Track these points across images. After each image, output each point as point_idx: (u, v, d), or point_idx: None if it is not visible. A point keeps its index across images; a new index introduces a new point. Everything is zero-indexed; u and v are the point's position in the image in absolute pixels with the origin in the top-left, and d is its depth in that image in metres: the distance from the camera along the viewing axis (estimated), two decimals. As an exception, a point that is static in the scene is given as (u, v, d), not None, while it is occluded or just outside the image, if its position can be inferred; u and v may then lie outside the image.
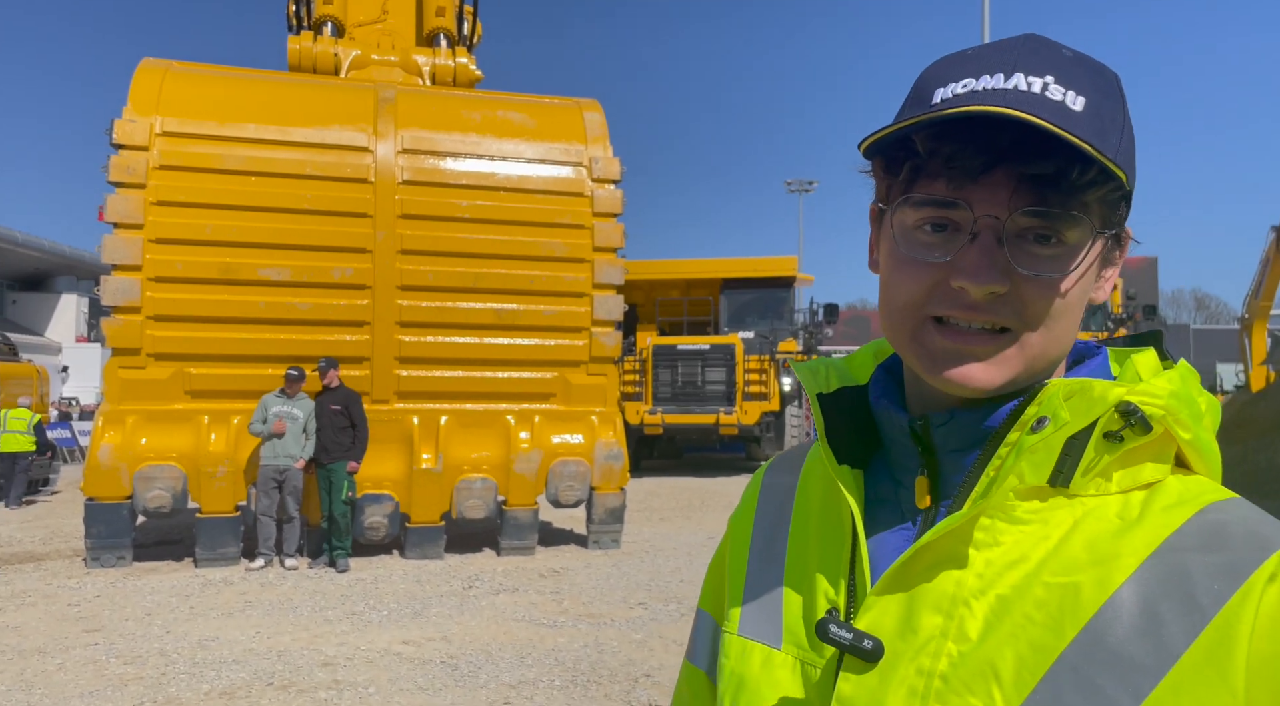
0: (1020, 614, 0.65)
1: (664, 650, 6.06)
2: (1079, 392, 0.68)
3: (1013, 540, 0.68)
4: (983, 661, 0.65)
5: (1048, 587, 0.65)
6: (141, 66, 9.01)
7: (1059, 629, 0.64)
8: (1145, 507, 0.67)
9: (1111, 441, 0.67)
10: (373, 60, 10.65)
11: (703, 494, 15.29)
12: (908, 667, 0.68)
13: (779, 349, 18.40)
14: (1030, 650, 0.64)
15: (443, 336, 9.24)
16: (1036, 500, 0.69)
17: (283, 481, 8.55)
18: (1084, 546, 0.66)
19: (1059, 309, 0.69)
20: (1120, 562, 0.65)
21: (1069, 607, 0.64)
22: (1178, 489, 0.68)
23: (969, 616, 0.67)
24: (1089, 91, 0.67)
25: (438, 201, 9.25)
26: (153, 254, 8.43)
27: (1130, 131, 0.70)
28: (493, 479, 9.18)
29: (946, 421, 0.73)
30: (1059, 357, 0.72)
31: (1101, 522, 0.67)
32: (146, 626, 6.56)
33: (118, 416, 8.43)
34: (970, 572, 0.68)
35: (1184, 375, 0.71)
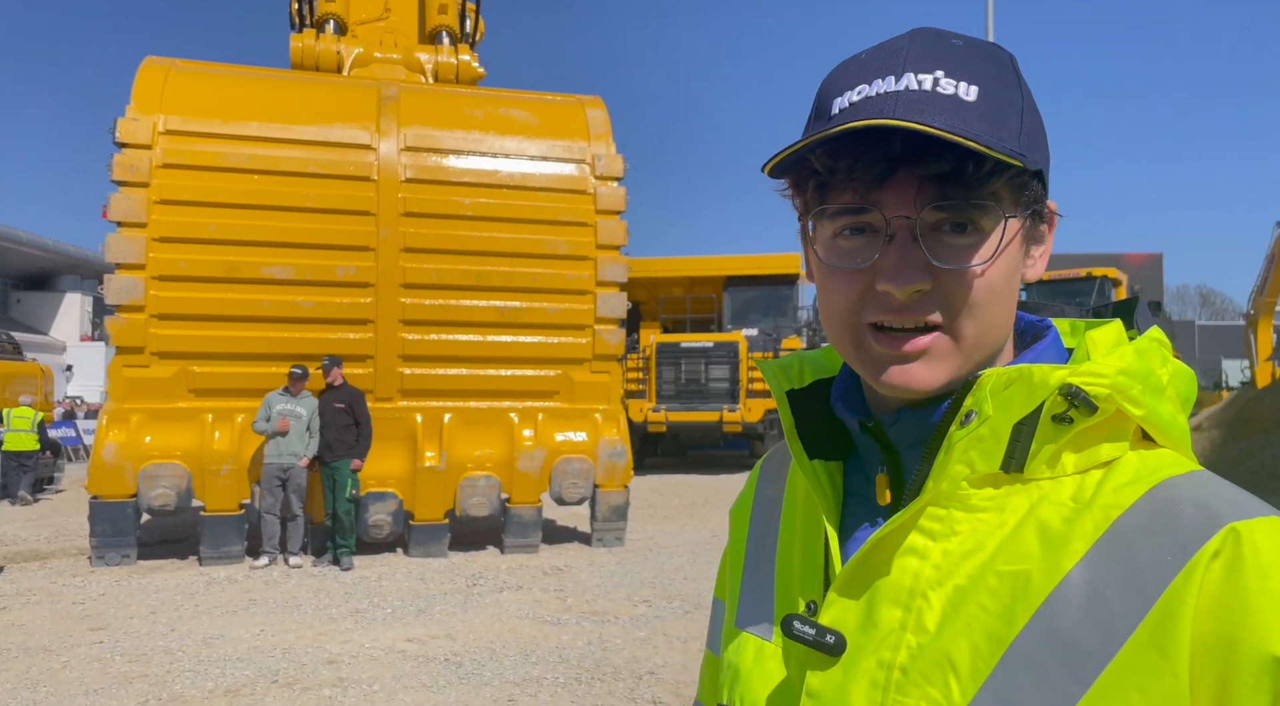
0: (974, 604, 0.66)
1: (668, 647, 6.06)
2: (1018, 380, 0.67)
3: (969, 529, 0.69)
4: (939, 653, 0.66)
5: (1000, 576, 0.66)
6: (144, 65, 9.01)
7: (1010, 617, 0.64)
8: (1099, 488, 0.67)
9: (1061, 424, 0.67)
10: (375, 58, 10.65)
11: (706, 491, 15.29)
12: (869, 660, 0.69)
13: (783, 346, 18.37)
14: (985, 640, 0.64)
15: (446, 334, 9.24)
16: (990, 487, 0.69)
17: (286, 479, 8.56)
18: (1036, 532, 0.66)
19: (984, 296, 0.69)
20: (1070, 547, 0.64)
21: (1020, 595, 0.64)
22: (1134, 466, 0.68)
23: (926, 608, 0.68)
24: (982, 78, 0.68)
25: (440, 199, 9.25)
26: (156, 252, 8.44)
27: (1032, 109, 0.71)
28: (496, 477, 9.18)
29: (895, 421, 0.75)
30: (998, 344, 0.72)
31: (1055, 507, 0.67)
32: (151, 624, 6.57)
33: (122, 415, 8.45)
34: (928, 564, 0.69)
35: (1142, 349, 0.70)
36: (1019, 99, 0.69)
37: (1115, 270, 19.17)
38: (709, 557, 9.14)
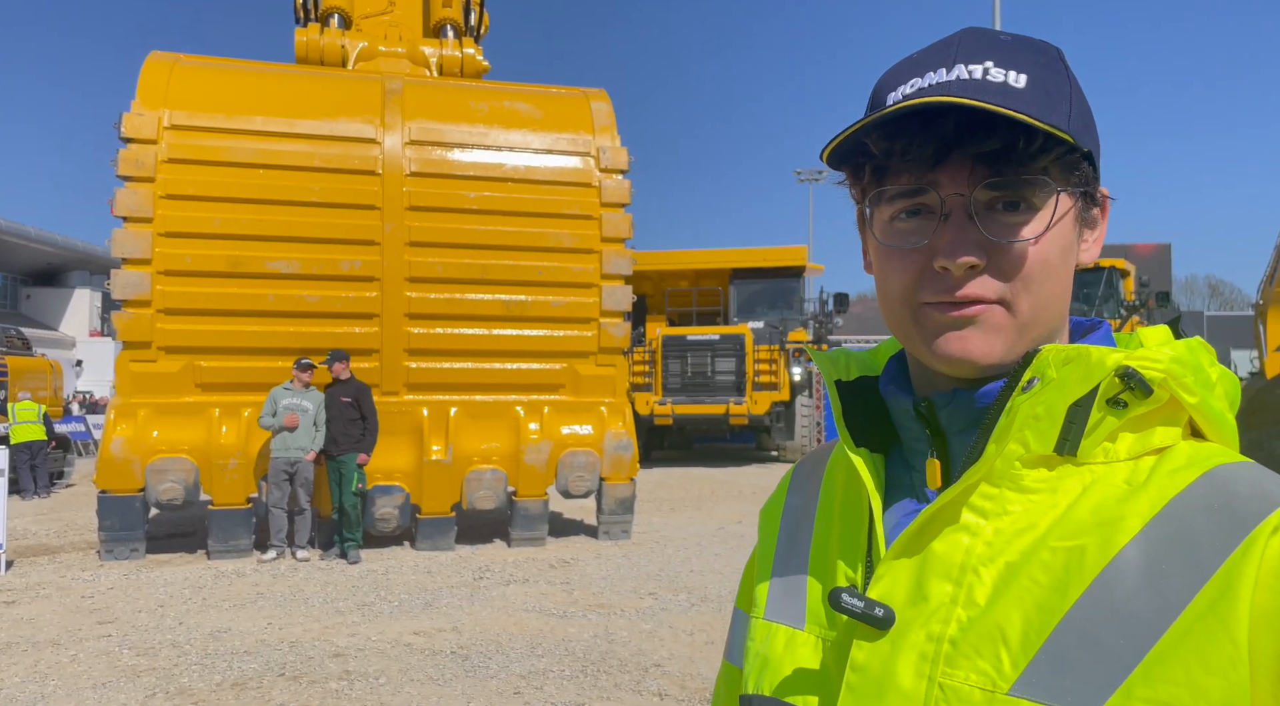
0: (1026, 578, 0.66)
1: (674, 640, 6.06)
2: (1076, 358, 0.68)
3: (1022, 509, 0.69)
4: (990, 625, 0.67)
5: (1053, 551, 0.66)
6: (149, 60, 9.01)
7: (1064, 590, 0.65)
8: (1153, 471, 0.68)
9: (1115, 408, 0.68)
10: (380, 52, 10.64)
11: (713, 484, 15.28)
12: (918, 633, 0.69)
13: (789, 339, 18.35)
14: (1036, 611, 0.65)
15: (451, 328, 9.24)
16: (1044, 469, 0.70)
17: (293, 473, 8.58)
18: (1090, 510, 0.67)
19: (1038, 270, 0.71)
20: (1125, 523, 0.65)
21: (1074, 569, 0.65)
22: (1188, 453, 0.69)
23: (978, 583, 0.68)
24: (1030, 68, 0.70)
25: (445, 193, 9.24)
26: (162, 247, 8.45)
27: (1081, 99, 0.73)
28: (503, 470, 9.19)
29: (950, 401, 0.75)
30: (1055, 323, 0.74)
31: (1109, 488, 0.68)
32: (159, 618, 6.60)
33: (129, 409, 8.47)
34: (979, 540, 0.70)
35: (1193, 346, 0.72)
36: (1067, 87, 0.72)
37: (1123, 261, 19.04)
38: (715, 550, 9.14)
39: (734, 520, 11.16)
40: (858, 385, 0.84)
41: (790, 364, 17.90)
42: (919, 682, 0.68)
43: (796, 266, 19.58)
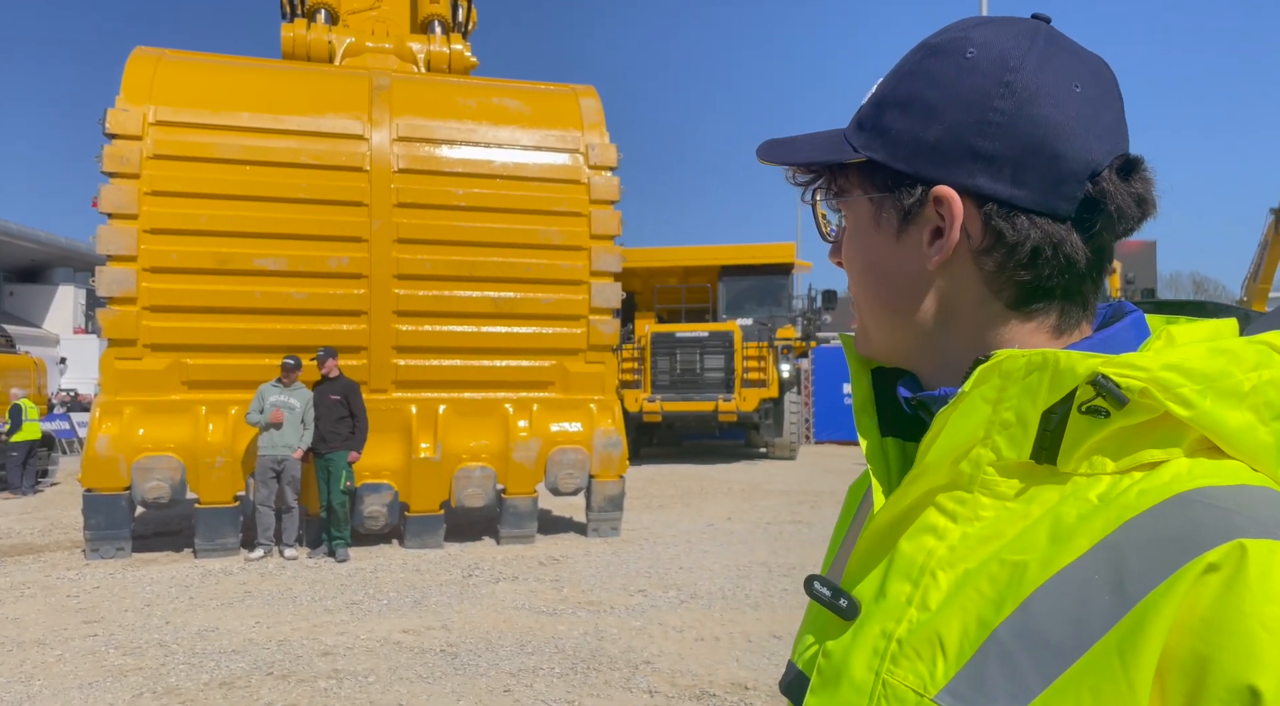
0: (973, 588, 0.66)
1: (664, 637, 6.06)
2: (1043, 366, 0.65)
3: (994, 515, 0.68)
4: (933, 631, 0.67)
5: (1002, 563, 0.65)
6: (134, 55, 8.94)
7: (999, 604, 0.64)
8: (1126, 489, 0.63)
9: (1096, 417, 0.63)
10: (367, 48, 10.58)
11: (702, 481, 15.30)
12: (874, 628, 0.71)
13: (777, 336, 18.37)
14: (974, 624, 0.65)
15: (440, 325, 9.21)
16: (1021, 477, 0.67)
17: (280, 471, 8.54)
18: (1048, 525, 0.65)
19: (853, 273, 0.79)
20: (1073, 543, 0.62)
21: (1014, 584, 0.64)
22: (1177, 471, 0.62)
23: (933, 586, 0.68)
24: (891, 80, 0.75)
25: (434, 189, 9.20)
26: (147, 244, 8.39)
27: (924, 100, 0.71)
28: (492, 467, 9.17)
29: (937, 397, 0.74)
30: (897, 320, 0.76)
31: (1076, 503, 0.64)
32: (146, 617, 6.56)
33: (115, 407, 8.41)
34: (943, 544, 0.69)
35: (1226, 348, 0.64)
36: (910, 88, 0.73)
37: (1109, 258, 19.15)
38: (704, 547, 9.15)
39: (723, 517, 11.17)
40: (897, 372, 0.81)
41: (779, 361, 17.93)
42: (868, 676, 0.69)
43: (785, 263, 19.60)
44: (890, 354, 0.78)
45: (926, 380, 0.77)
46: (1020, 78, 0.68)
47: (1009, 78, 0.68)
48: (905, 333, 0.76)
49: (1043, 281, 0.70)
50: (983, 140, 0.69)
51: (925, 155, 0.71)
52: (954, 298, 0.73)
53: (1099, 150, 0.69)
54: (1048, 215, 0.69)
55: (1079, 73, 0.70)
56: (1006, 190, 0.69)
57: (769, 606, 6.81)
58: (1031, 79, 0.68)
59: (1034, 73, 0.68)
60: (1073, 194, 0.69)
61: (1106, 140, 0.69)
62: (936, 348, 0.75)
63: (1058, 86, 0.68)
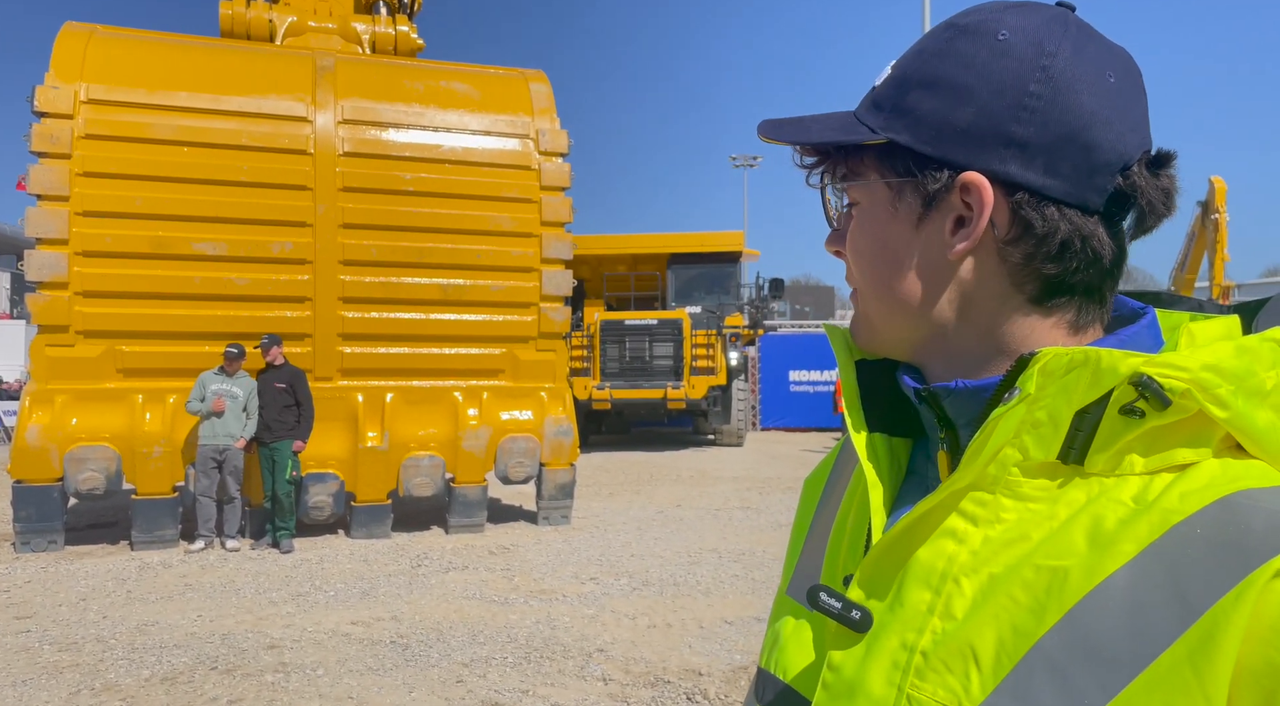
0: (1005, 595, 0.62)
1: (616, 624, 6.08)
2: (1083, 364, 0.63)
3: (1016, 518, 0.65)
4: (963, 641, 0.63)
5: (1037, 569, 0.62)
6: (64, 30, 8.59)
7: (1041, 613, 0.60)
8: (1165, 492, 0.61)
9: (1131, 417, 0.61)
10: (310, 27, 10.33)
11: (651, 468, 15.35)
12: (893, 640, 0.66)
13: (725, 323, 18.48)
14: (1011, 633, 0.61)
15: (387, 312, 9.06)
16: (1046, 478, 0.65)
17: (222, 461, 8.34)
18: (1085, 528, 0.62)
19: (864, 262, 0.74)
20: (1118, 548, 0.60)
21: (1055, 592, 0.60)
22: (1212, 473, 0.61)
23: (957, 593, 0.65)
24: (908, 59, 0.72)
25: (380, 174, 9.04)
26: (80, 227, 8.09)
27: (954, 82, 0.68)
28: (440, 456, 9.07)
29: (951, 392, 0.71)
30: (915, 310, 0.72)
31: (1112, 505, 0.62)
32: (81, 612, 6.36)
33: (46, 396, 8.12)
34: (965, 549, 0.65)
35: (1247, 347, 0.62)
36: (934, 69, 0.70)
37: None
38: (655, 534, 9.19)
39: (673, 504, 11.23)
40: (884, 364, 0.79)
41: (727, 348, 18.04)
42: (889, 691, 0.65)
43: (733, 251, 19.70)
44: (895, 347, 0.75)
45: (933, 374, 0.74)
46: (1057, 63, 0.66)
47: (1045, 62, 0.66)
48: (916, 325, 0.72)
49: (1068, 276, 0.68)
50: (1016, 126, 0.66)
51: (954, 138, 0.68)
52: (973, 289, 0.70)
53: (1131, 143, 0.67)
54: (1077, 207, 0.67)
55: (1112, 63, 0.68)
56: (1039, 179, 0.66)
57: (720, 592, 6.86)
58: (1068, 66, 0.66)
59: (1070, 60, 0.66)
60: (1104, 186, 0.67)
61: (1138, 133, 0.68)
62: (949, 340, 0.72)
63: (1093, 75, 0.67)
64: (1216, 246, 20.00)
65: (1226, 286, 20.25)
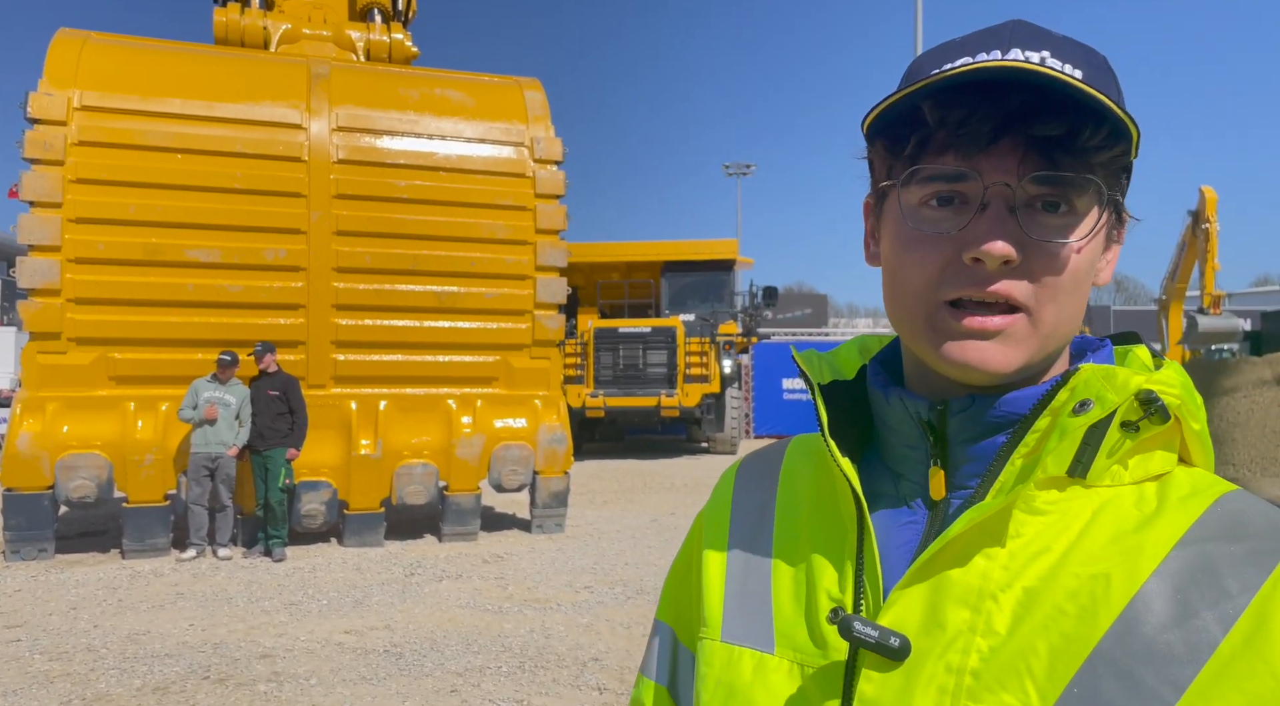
0: (1050, 605, 0.63)
1: (610, 633, 6.06)
2: (1106, 378, 0.67)
3: (1034, 531, 0.67)
4: (1014, 655, 0.63)
5: (1078, 578, 0.64)
6: (58, 37, 8.57)
7: (1093, 619, 0.62)
8: (1161, 499, 0.67)
9: (1129, 431, 0.67)
10: (304, 35, 10.33)
11: (645, 476, 15.34)
12: (936, 665, 0.65)
13: (719, 331, 18.50)
14: (1063, 641, 0.62)
15: (381, 319, 9.04)
16: (1055, 490, 0.68)
17: (214, 469, 8.30)
18: (1108, 538, 0.66)
19: (1069, 281, 0.67)
20: (1146, 553, 0.64)
21: (1101, 598, 0.63)
22: (1187, 481, 0.69)
23: (996, 610, 0.65)
24: (1084, 66, 0.66)
25: (374, 181, 9.03)
26: (72, 234, 8.06)
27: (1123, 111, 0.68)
28: (434, 464, 9.04)
29: (967, 407, 0.70)
30: (1068, 338, 0.71)
31: (1121, 513, 0.67)
32: (72, 621, 6.31)
33: (37, 403, 8.07)
34: (995, 564, 0.66)
35: (1177, 369, 0.71)
36: (1116, 92, 0.68)
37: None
38: (649, 542, 9.17)
39: (667, 512, 11.21)
40: (831, 389, 0.79)
41: (720, 356, 18.06)
42: None
43: (727, 260, 19.73)
44: (1031, 369, 0.70)
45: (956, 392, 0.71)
46: None
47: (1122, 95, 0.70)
48: (1060, 347, 0.71)
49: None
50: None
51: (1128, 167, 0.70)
52: None
53: None
54: None
55: None
56: None
57: (714, 600, 6.85)
58: None
59: None
60: None
61: None
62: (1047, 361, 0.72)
63: None
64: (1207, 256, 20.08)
65: (1217, 295, 20.33)
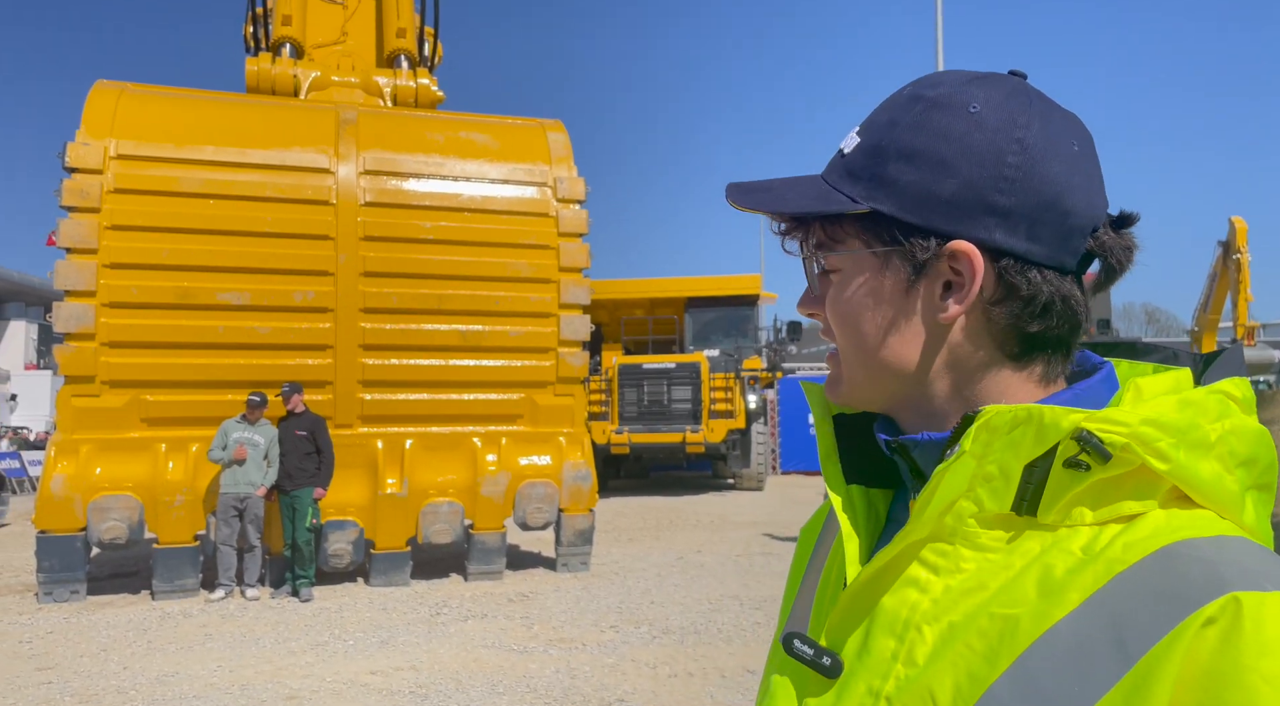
0: (962, 642, 0.65)
1: (636, 673, 5.99)
2: (1026, 421, 0.66)
3: (975, 568, 0.68)
4: (924, 687, 0.66)
5: (991, 617, 0.65)
6: (95, 88, 8.84)
7: (994, 660, 0.63)
8: (1111, 542, 0.64)
9: (1077, 470, 0.64)
10: (333, 82, 10.56)
11: (671, 513, 15.23)
12: (860, 686, 0.70)
13: (744, 367, 18.46)
14: (967, 679, 0.64)
15: (407, 359, 9.13)
16: (1002, 529, 0.68)
17: (243, 509, 8.36)
18: (1036, 578, 0.65)
19: (849, 326, 0.75)
20: (1065, 597, 0.63)
21: (1007, 638, 0.64)
22: (1157, 523, 0.64)
23: (919, 641, 0.68)
24: (874, 130, 0.74)
25: (401, 223, 9.18)
26: (107, 279, 8.25)
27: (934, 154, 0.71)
28: (459, 502, 9.06)
29: (920, 443, 0.74)
30: (898, 370, 0.74)
31: (1062, 555, 0.65)
32: (102, 662, 6.35)
33: (71, 446, 8.20)
34: (926, 597, 0.69)
35: (1192, 400, 0.66)
36: (908, 141, 0.72)
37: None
38: (675, 581, 9.09)
39: (693, 549, 11.12)
40: (861, 419, 0.82)
41: (745, 392, 18.00)
42: None
43: (751, 295, 19.75)
44: (873, 402, 0.78)
45: (908, 426, 0.77)
46: (1030, 135, 0.70)
47: (1019, 134, 0.70)
48: (898, 382, 0.75)
49: (1049, 333, 0.72)
50: (999, 196, 0.70)
51: (939, 209, 0.71)
52: (960, 349, 0.73)
53: (1098, 205, 0.73)
54: (1055, 269, 0.71)
55: (1073, 132, 0.73)
56: (1022, 245, 0.70)
57: (742, 640, 6.77)
58: (1040, 137, 0.70)
59: (1040, 131, 0.70)
60: (1078, 248, 0.72)
61: (1101, 195, 0.73)
62: (928, 396, 0.75)
63: (1061, 145, 0.71)
64: (1239, 287, 19.83)
65: (1251, 327, 20.03)
